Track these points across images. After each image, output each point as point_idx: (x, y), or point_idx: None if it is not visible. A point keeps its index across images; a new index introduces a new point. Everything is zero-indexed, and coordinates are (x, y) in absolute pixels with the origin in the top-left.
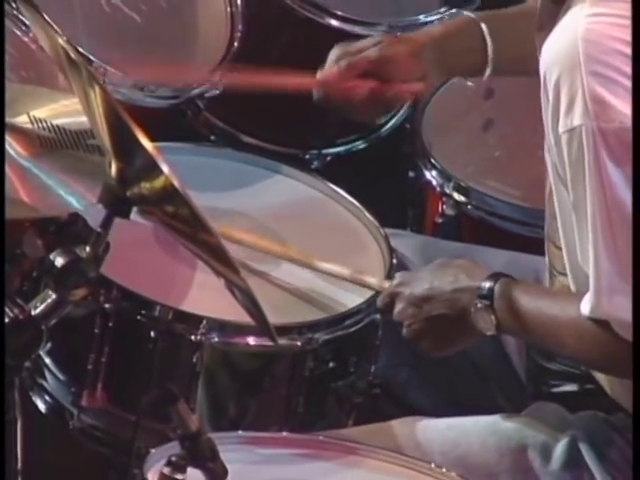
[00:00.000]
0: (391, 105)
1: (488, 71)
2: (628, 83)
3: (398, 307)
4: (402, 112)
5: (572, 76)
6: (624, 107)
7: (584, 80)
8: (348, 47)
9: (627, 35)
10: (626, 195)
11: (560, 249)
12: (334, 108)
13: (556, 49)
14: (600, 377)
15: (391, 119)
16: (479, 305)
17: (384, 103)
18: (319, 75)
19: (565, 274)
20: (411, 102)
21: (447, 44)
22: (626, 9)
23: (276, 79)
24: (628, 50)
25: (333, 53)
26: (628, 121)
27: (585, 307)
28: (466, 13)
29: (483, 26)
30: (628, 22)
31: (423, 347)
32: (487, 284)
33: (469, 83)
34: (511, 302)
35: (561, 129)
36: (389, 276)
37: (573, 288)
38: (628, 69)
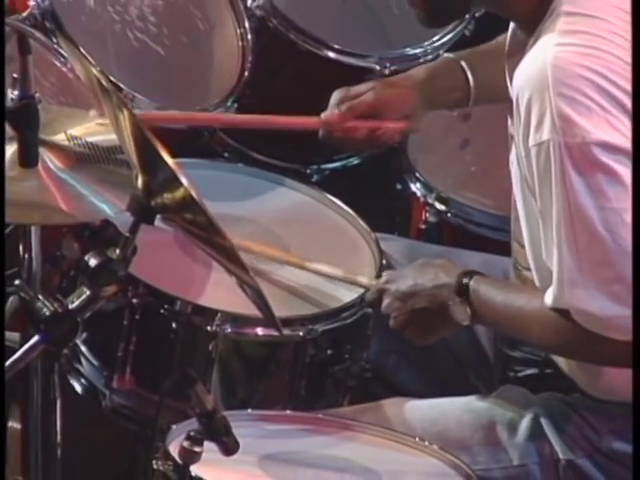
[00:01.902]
0: (385, 143)
1: (471, 103)
2: (591, 104)
3: (385, 302)
4: None
5: (542, 97)
6: (587, 124)
7: (552, 100)
8: (347, 92)
9: (590, 62)
10: (587, 201)
11: (524, 247)
12: (337, 145)
13: (528, 73)
14: (559, 361)
15: None
16: (456, 300)
17: (379, 141)
18: (323, 116)
19: (528, 269)
20: None
21: (432, 84)
22: (591, 40)
23: (285, 119)
24: (591, 75)
25: (334, 97)
26: (589, 136)
27: (548, 298)
28: (446, 54)
29: (463, 64)
30: (592, 51)
31: (408, 336)
32: (462, 280)
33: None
34: (483, 296)
35: (531, 143)
36: (379, 275)
37: (537, 282)
38: (590, 92)
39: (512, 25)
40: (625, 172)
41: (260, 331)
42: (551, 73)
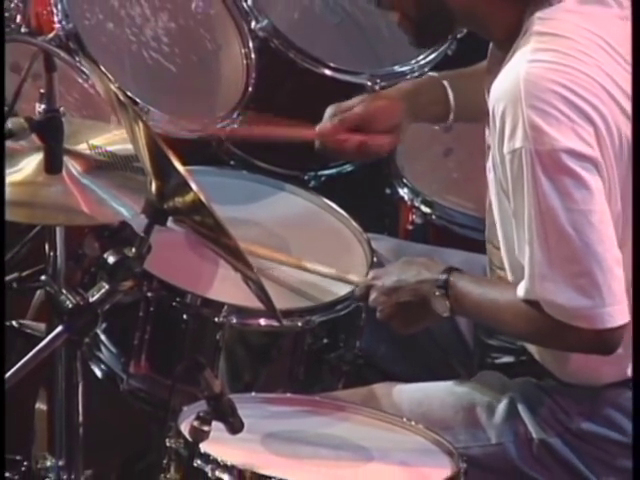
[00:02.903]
0: (373, 154)
1: (451, 118)
2: (559, 115)
3: (372, 296)
4: None
5: (515, 108)
6: (555, 133)
7: (524, 111)
8: (340, 106)
9: (559, 78)
10: (556, 203)
11: (498, 249)
12: (330, 155)
13: (503, 87)
14: (532, 349)
15: None
16: (437, 293)
17: (368, 152)
18: (318, 128)
19: (501, 268)
20: None
21: (416, 99)
22: (560, 57)
23: (284, 130)
24: (559, 89)
25: (328, 111)
26: (558, 144)
27: (520, 290)
28: (430, 73)
29: (445, 83)
30: (561, 67)
31: (393, 327)
32: (443, 276)
33: (436, 127)
34: (460, 290)
35: (505, 150)
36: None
37: (510, 278)
38: (558, 104)
39: (491, 44)
40: (590, 177)
41: (263, 322)
42: (524, 87)
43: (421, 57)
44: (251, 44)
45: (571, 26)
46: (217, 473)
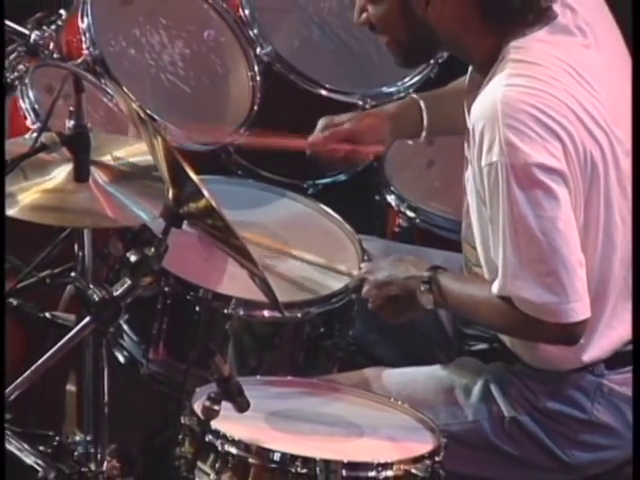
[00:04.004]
0: (359, 163)
1: (423, 135)
2: (531, 133)
3: (365, 289)
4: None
5: (492, 126)
6: (528, 149)
7: (500, 130)
8: (331, 120)
9: (532, 100)
10: (527, 211)
11: (474, 248)
12: (320, 164)
13: (482, 108)
14: (504, 338)
15: None
16: (422, 289)
17: (354, 161)
18: (310, 139)
19: (477, 265)
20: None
21: (398, 118)
22: (533, 82)
23: (280, 141)
24: (532, 110)
25: (320, 123)
26: (530, 159)
27: (495, 288)
28: (412, 95)
29: (422, 104)
30: (534, 91)
31: (383, 317)
32: (428, 274)
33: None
34: (443, 286)
35: (483, 163)
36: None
37: (486, 275)
38: (531, 123)
39: (470, 68)
40: (558, 188)
41: (266, 313)
42: (500, 108)
43: (407, 79)
44: (256, 68)
45: (542, 54)
46: (226, 447)
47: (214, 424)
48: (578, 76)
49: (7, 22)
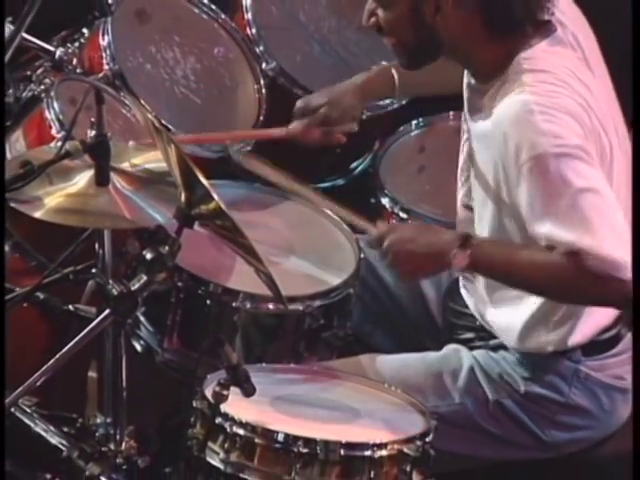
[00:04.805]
0: (333, 143)
1: (397, 94)
2: (564, 122)
3: (387, 242)
4: (368, 161)
5: (528, 125)
6: (567, 133)
7: (539, 124)
8: (308, 103)
9: (557, 100)
10: (580, 183)
11: None
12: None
13: (512, 111)
14: (495, 325)
15: (360, 165)
16: (457, 246)
17: (329, 142)
18: (290, 127)
19: None
20: (373, 154)
21: (367, 85)
22: (552, 87)
23: (263, 132)
24: (559, 106)
25: (297, 106)
26: (572, 141)
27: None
28: (383, 63)
29: (393, 70)
30: (555, 94)
31: (399, 271)
32: (462, 234)
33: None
34: (485, 246)
35: (526, 157)
36: (358, 266)
37: None
38: (562, 115)
39: (466, 73)
40: (595, 164)
41: (271, 306)
42: (535, 107)
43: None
44: (262, 81)
45: (550, 63)
46: (234, 429)
47: (223, 407)
48: (581, 82)
49: (35, 39)
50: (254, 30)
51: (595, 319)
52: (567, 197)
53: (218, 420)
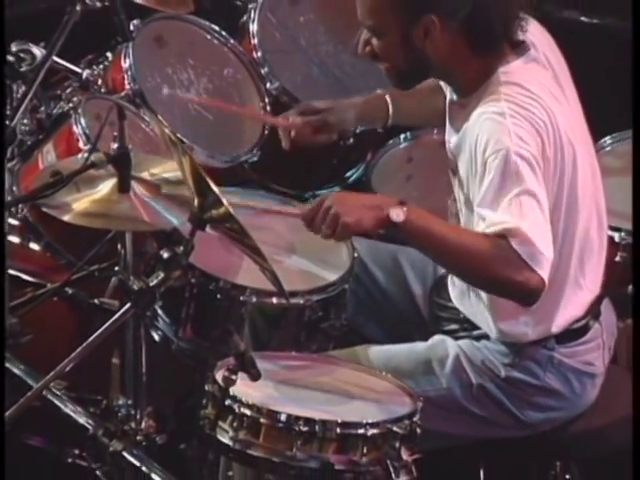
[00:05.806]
0: (322, 144)
1: (390, 123)
2: (527, 130)
3: (328, 201)
4: (361, 171)
5: (501, 125)
6: (528, 140)
7: (509, 126)
8: (310, 106)
9: (525, 111)
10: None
11: None
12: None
13: (489, 116)
14: (478, 317)
15: (354, 174)
16: (394, 203)
17: (319, 142)
18: (291, 119)
19: None
20: (366, 164)
21: (364, 106)
22: (524, 98)
23: (264, 117)
24: (526, 116)
25: (299, 106)
26: (529, 148)
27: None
28: (378, 90)
29: (388, 97)
30: (525, 104)
31: (340, 224)
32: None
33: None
34: (422, 212)
35: (490, 151)
36: (352, 264)
37: None
38: (526, 124)
39: (449, 95)
40: (539, 172)
41: (275, 300)
42: (507, 112)
43: None
44: (267, 100)
45: (525, 77)
46: (242, 409)
47: (232, 391)
48: (553, 96)
49: (64, 62)
50: (260, 54)
51: (569, 311)
52: (515, 191)
53: (227, 402)
